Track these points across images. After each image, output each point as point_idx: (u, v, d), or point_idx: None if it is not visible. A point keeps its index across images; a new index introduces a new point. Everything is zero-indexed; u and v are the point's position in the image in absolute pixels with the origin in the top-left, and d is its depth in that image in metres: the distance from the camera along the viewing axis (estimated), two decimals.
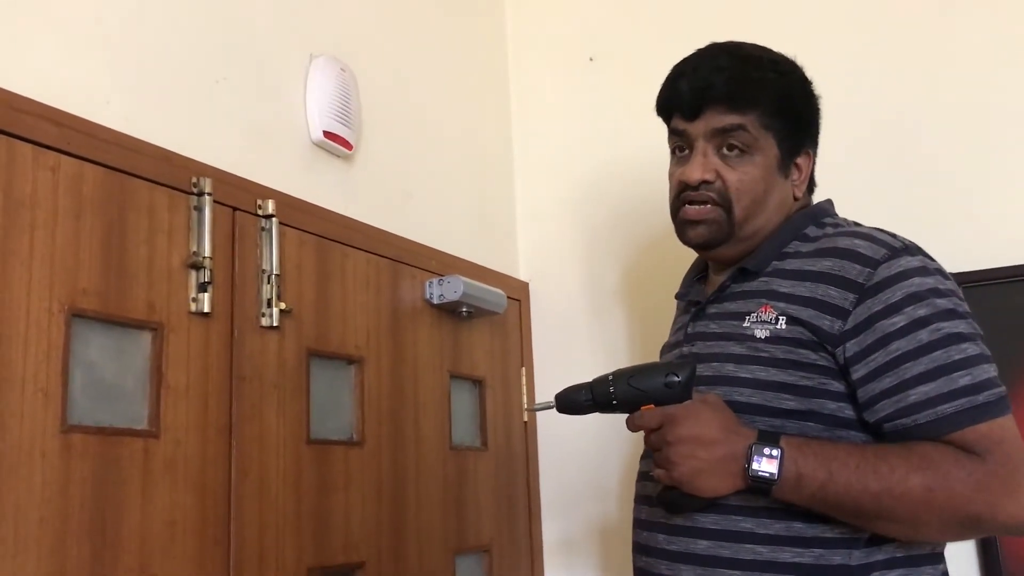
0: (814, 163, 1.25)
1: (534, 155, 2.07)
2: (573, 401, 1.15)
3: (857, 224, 1.20)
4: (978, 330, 1.07)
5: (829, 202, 1.26)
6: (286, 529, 1.28)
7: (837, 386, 1.08)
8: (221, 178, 1.25)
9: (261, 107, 1.39)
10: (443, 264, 1.71)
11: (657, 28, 1.96)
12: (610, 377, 1.13)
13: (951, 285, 1.10)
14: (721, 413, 1.09)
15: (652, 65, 1.96)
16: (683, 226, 1.22)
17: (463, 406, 1.74)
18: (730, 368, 1.14)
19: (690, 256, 1.39)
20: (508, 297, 1.82)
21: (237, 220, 1.28)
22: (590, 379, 1.14)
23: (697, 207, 1.19)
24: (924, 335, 1.04)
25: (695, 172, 1.18)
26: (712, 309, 1.21)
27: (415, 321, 1.62)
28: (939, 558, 1.11)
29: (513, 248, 2.03)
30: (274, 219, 1.32)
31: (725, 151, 1.18)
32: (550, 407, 1.18)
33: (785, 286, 1.13)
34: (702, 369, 1.14)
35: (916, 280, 1.06)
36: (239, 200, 1.28)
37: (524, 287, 1.99)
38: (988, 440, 1.00)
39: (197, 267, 1.19)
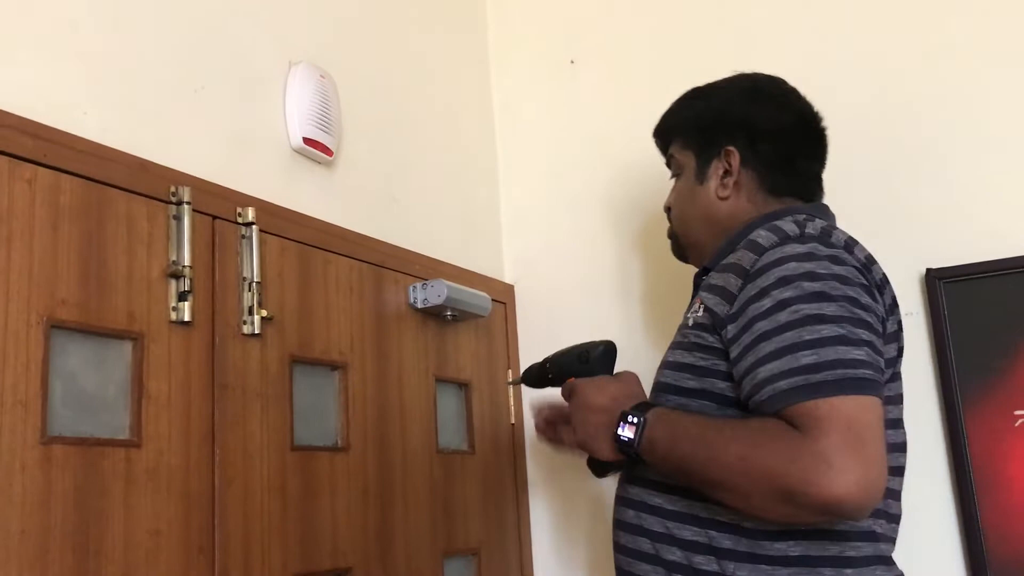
0: (747, 157, 1.30)
1: (518, 157, 2.07)
2: (528, 375, 1.44)
3: (824, 229, 1.19)
4: (855, 314, 1.06)
5: (816, 206, 1.29)
6: (272, 536, 1.28)
7: (724, 366, 1.14)
8: (200, 187, 1.25)
9: (240, 115, 1.39)
10: (427, 268, 1.71)
11: (638, 30, 1.97)
12: (550, 355, 1.38)
13: (840, 271, 1.09)
14: (621, 386, 1.24)
15: (633, 66, 1.99)
16: None
17: (449, 410, 1.74)
18: (668, 353, 1.26)
19: (671, 255, 1.48)
20: (493, 300, 1.82)
21: (217, 228, 1.28)
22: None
23: (668, 229, 1.45)
24: (783, 316, 1.06)
25: (664, 202, 1.44)
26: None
27: (399, 326, 1.62)
28: (853, 561, 1.09)
29: (498, 251, 2.03)
30: (254, 227, 1.32)
31: (672, 179, 1.43)
32: (520, 382, 1.48)
33: (713, 279, 1.21)
34: (666, 355, 1.26)
35: (792, 264, 1.10)
36: (218, 208, 1.28)
37: (509, 290, 2.00)
38: (811, 417, 1.00)
39: (177, 276, 1.19)
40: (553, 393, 1.39)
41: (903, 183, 1.67)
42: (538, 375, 1.41)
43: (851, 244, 1.17)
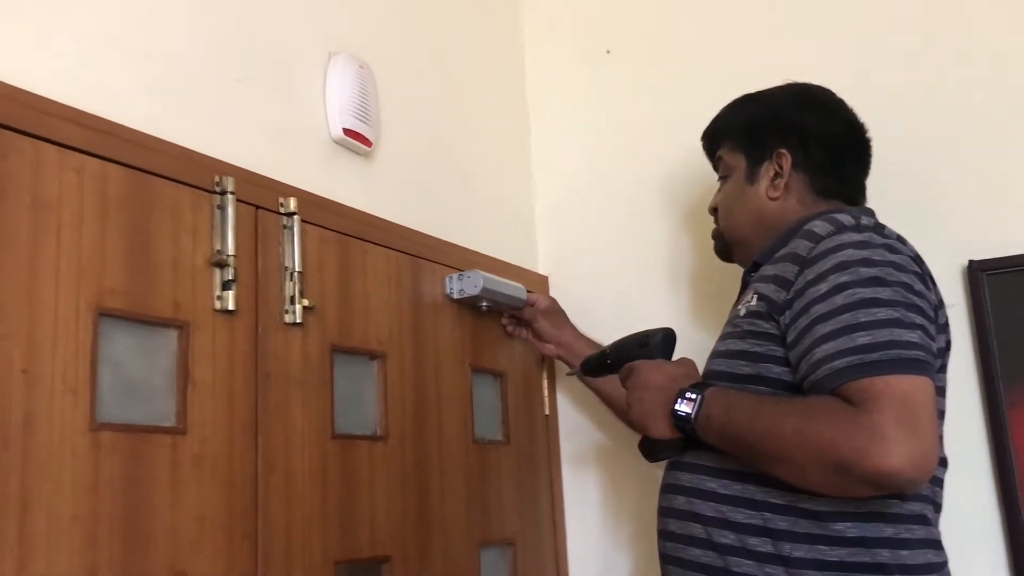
0: (798, 160, 1.35)
1: (552, 148, 2.07)
2: (587, 364, 1.53)
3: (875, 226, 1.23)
4: (908, 299, 1.10)
5: (862, 208, 1.34)
6: (313, 524, 1.29)
7: (780, 352, 1.17)
8: (243, 177, 1.26)
9: (281, 105, 1.39)
10: (462, 259, 1.71)
11: (675, 20, 1.96)
12: (610, 344, 1.47)
13: (895, 259, 1.13)
14: (679, 367, 1.30)
15: (670, 57, 1.97)
16: None
17: (485, 400, 1.75)
18: (718, 344, 1.31)
19: (705, 248, 1.56)
20: (527, 290, 1.82)
21: (260, 218, 1.28)
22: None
23: (712, 229, 1.50)
24: (840, 299, 1.10)
25: (710, 203, 1.50)
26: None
27: (436, 316, 1.63)
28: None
29: (532, 242, 2.03)
30: (296, 217, 1.32)
31: (720, 180, 1.48)
32: (578, 373, 1.62)
33: (767, 270, 1.26)
34: (716, 346, 1.31)
35: (849, 251, 1.14)
36: (261, 198, 1.29)
37: (543, 281, 1.99)
38: (867, 393, 1.03)
39: (221, 265, 1.20)
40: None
41: (944, 173, 1.65)
42: (597, 363, 1.48)
43: (902, 239, 1.21)
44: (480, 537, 1.63)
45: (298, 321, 1.30)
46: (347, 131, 1.47)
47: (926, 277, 1.19)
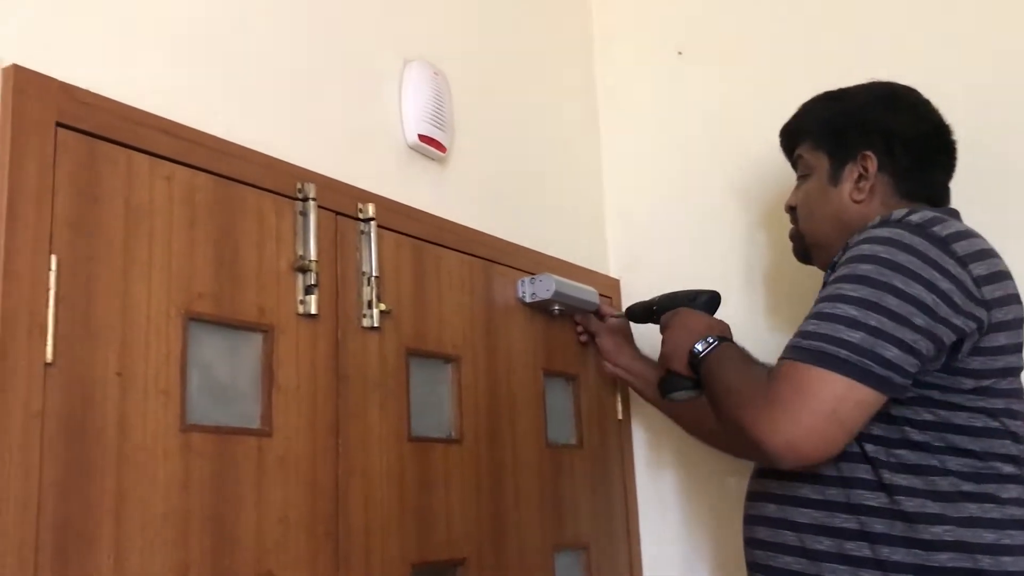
0: (884, 162, 1.33)
1: (622, 151, 2.06)
2: (632, 310, 1.63)
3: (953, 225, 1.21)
4: (882, 301, 1.10)
5: (946, 209, 1.30)
6: (390, 525, 1.30)
7: None
8: (323, 183, 1.28)
9: (358, 112, 1.42)
10: (535, 263, 1.72)
11: (748, 21, 1.93)
12: (658, 296, 1.56)
13: (903, 259, 1.12)
14: (718, 323, 1.40)
15: (742, 59, 1.95)
16: None
17: (557, 404, 1.75)
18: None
19: (780, 249, 1.54)
20: (600, 294, 1.81)
21: (339, 224, 1.31)
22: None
23: (790, 229, 1.47)
24: (831, 288, 1.16)
25: (787, 201, 1.47)
26: None
27: (508, 320, 1.63)
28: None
29: (604, 244, 2.03)
30: (373, 222, 1.34)
31: (799, 179, 1.44)
32: (623, 316, 1.70)
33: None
34: None
35: (865, 246, 1.17)
36: (340, 204, 1.31)
37: (615, 284, 1.99)
38: (778, 371, 1.13)
39: (304, 270, 1.22)
40: None
41: None
42: (643, 311, 1.59)
43: (960, 236, 1.16)
44: (554, 541, 1.63)
45: (375, 325, 1.32)
46: (422, 137, 1.48)
47: (962, 280, 1.13)
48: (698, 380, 1.34)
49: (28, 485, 0.91)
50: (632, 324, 1.74)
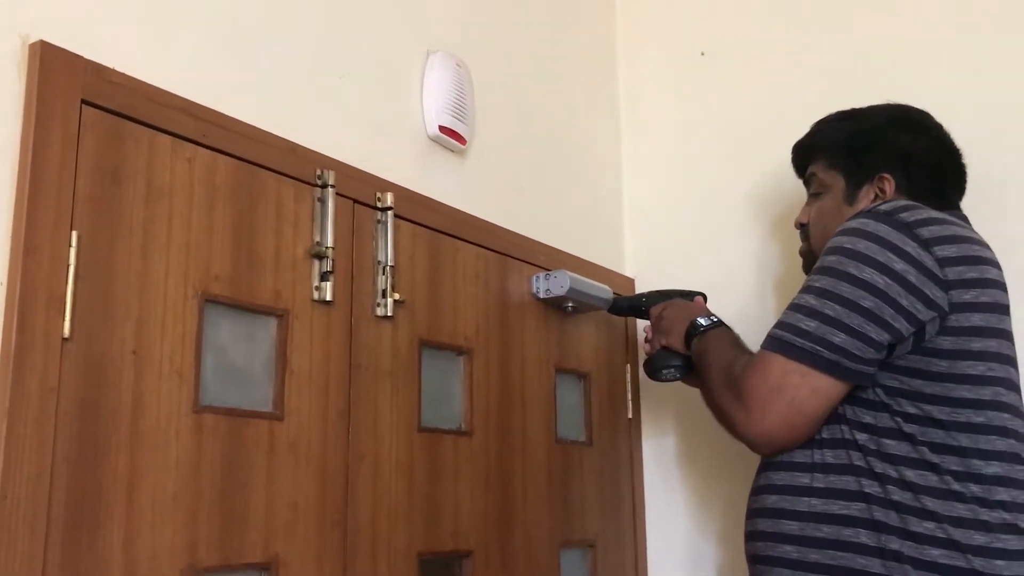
0: (901, 184, 1.33)
1: (642, 150, 2.06)
2: (617, 304, 1.71)
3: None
4: (837, 290, 1.16)
5: (958, 213, 1.32)
6: (398, 514, 1.30)
7: None
8: (343, 171, 1.28)
9: (380, 102, 1.42)
10: (550, 259, 1.71)
11: (771, 24, 1.92)
12: (647, 291, 1.65)
13: (862, 247, 1.16)
14: (706, 310, 1.48)
15: (765, 60, 1.94)
16: None
17: (568, 400, 1.74)
18: None
19: (796, 257, 1.52)
20: (614, 292, 1.81)
21: (357, 212, 1.31)
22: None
23: (801, 246, 1.49)
24: (805, 282, 1.23)
25: (797, 218, 1.49)
26: None
27: (522, 314, 1.63)
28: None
29: (619, 244, 2.02)
30: (390, 212, 1.34)
31: (811, 196, 1.45)
32: (608, 309, 1.74)
33: None
34: None
35: (835, 238, 1.22)
36: (359, 192, 1.31)
37: (630, 283, 1.98)
38: (752, 359, 1.22)
39: (320, 257, 1.22)
40: None
41: None
42: (629, 304, 1.67)
43: (931, 223, 1.18)
44: (561, 537, 1.63)
45: (389, 314, 1.32)
46: (443, 128, 1.48)
47: (922, 264, 1.14)
48: (688, 360, 1.43)
49: (42, 459, 0.91)
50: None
